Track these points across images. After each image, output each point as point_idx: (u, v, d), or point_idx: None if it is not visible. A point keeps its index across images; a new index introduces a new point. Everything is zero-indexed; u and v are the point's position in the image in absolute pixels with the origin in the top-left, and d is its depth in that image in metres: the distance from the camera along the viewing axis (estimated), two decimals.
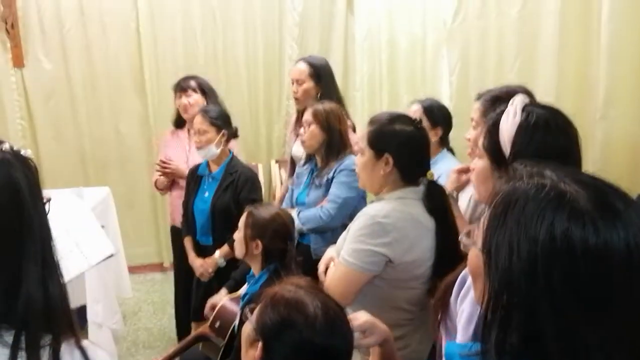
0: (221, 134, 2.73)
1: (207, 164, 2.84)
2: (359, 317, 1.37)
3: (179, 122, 3.18)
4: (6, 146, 0.89)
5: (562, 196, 0.74)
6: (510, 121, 1.31)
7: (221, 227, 2.72)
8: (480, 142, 1.38)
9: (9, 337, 0.83)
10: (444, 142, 2.53)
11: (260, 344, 1.17)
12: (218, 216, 2.73)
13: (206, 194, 2.79)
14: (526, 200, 0.76)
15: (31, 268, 0.85)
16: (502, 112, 1.34)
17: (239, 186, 2.73)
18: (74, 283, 2.08)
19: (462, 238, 0.96)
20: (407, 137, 1.74)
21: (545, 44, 2.46)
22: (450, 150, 2.56)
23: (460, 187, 1.99)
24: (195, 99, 3.04)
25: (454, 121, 2.73)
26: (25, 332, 0.83)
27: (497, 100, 1.87)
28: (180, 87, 3.08)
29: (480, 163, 1.39)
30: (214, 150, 2.73)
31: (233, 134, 2.84)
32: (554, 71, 2.39)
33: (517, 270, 0.74)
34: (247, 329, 1.25)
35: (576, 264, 0.71)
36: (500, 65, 2.70)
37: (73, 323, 0.90)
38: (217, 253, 2.75)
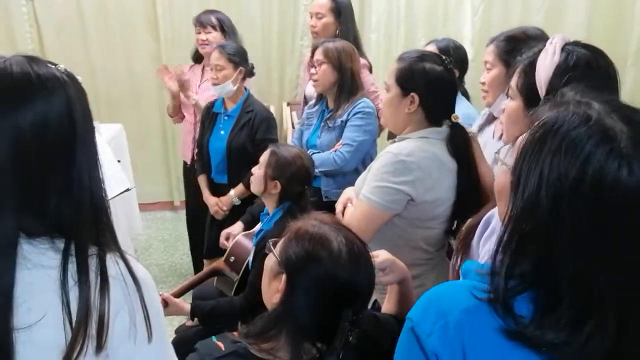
0: (238, 70, 2.69)
1: (223, 101, 2.80)
2: (379, 255, 1.39)
3: (197, 57, 3.12)
4: (61, 67, 0.94)
5: (605, 132, 0.72)
6: (548, 61, 1.26)
7: (236, 166, 2.72)
8: (514, 81, 1.34)
9: (60, 244, 0.88)
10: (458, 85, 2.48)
11: (284, 277, 1.18)
12: (234, 155, 2.73)
13: (222, 132, 2.77)
14: (568, 130, 0.74)
15: (81, 181, 0.90)
16: (540, 51, 1.30)
17: (255, 125, 2.71)
18: None
19: (497, 154, 0.95)
20: (435, 77, 1.70)
21: None
22: (465, 94, 2.51)
23: None
24: (214, 36, 2.98)
25: (474, 65, 2.68)
26: (75, 240, 0.88)
27: (512, 40, 1.82)
28: (200, 22, 3.01)
29: (512, 104, 1.36)
30: (231, 87, 2.69)
31: (250, 72, 2.79)
32: (584, 15, 2.31)
33: (542, 199, 0.73)
34: (270, 262, 1.26)
35: (603, 202, 0.70)
36: (526, 6, 2.61)
37: (116, 237, 0.95)
38: (232, 192, 2.76)
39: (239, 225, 2.45)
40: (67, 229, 0.89)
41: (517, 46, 1.74)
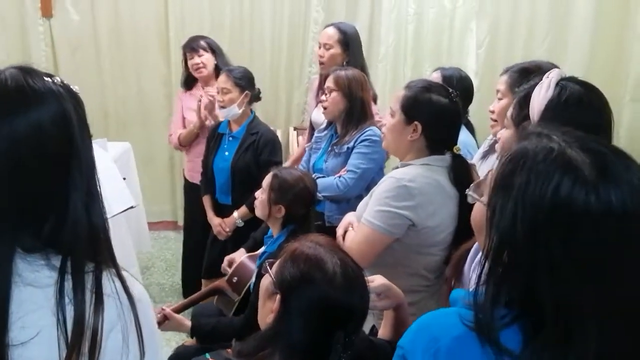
0: (244, 94, 2.73)
1: (228, 123, 2.85)
2: (374, 279, 1.40)
3: (189, 83, 3.19)
4: (57, 79, 0.92)
5: (568, 162, 0.76)
6: (542, 94, 1.30)
7: (240, 187, 2.75)
8: (510, 112, 1.37)
9: (56, 262, 0.88)
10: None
11: (278, 297, 1.19)
12: (238, 176, 2.76)
13: (226, 153, 2.82)
14: (534, 163, 0.78)
15: (77, 196, 0.89)
16: (536, 84, 1.33)
17: (259, 147, 2.75)
18: None
19: (470, 191, 0.98)
20: (440, 108, 1.72)
21: (578, 22, 2.42)
22: (468, 124, 2.54)
23: None
24: (207, 57, 3.07)
25: (479, 96, 2.72)
26: (71, 258, 0.88)
27: (525, 72, 1.85)
28: (191, 47, 3.10)
29: (506, 133, 1.39)
30: (236, 110, 2.74)
31: (256, 96, 2.84)
32: (585, 50, 2.36)
33: (519, 229, 0.76)
34: (266, 282, 1.27)
35: (576, 229, 0.74)
36: (529, 41, 2.67)
37: (113, 254, 0.94)
38: (236, 213, 2.79)
39: (241, 252, 2.47)
40: (63, 245, 0.88)
41: (529, 79, 1.77)
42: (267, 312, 1.23)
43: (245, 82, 2.77)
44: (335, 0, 4.33)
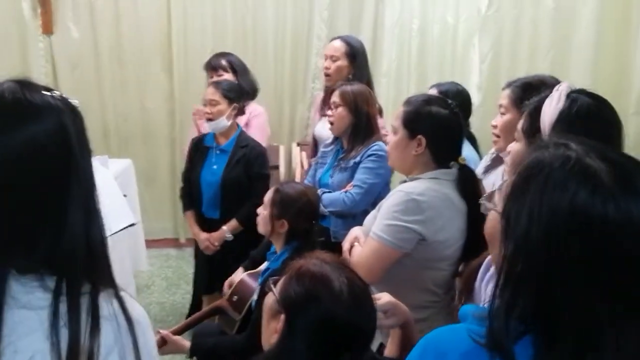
0: (232, 106, 2.75)
1: (214, 136, 2.84)
2: (381, 297, 1.37)
3: None
4: (56, 93, 0.90)
5: (586, 170, 0.75)
6: (553, 106, 1.30)
7: (230, 201, 2.74)
8: (520, 125, 1.37)
9: (50, 283, 0.84)
10: None
11: (283, 317, 1.16)
12: (228, 190, 2.74)
13: (215, 167, 2.79)
14: (550, 171, 0.76)
15: (76, 214, 0.86)
16: (546, 96, 1.33)
17: (250, 160, 2.74)
18: None
19: (483, 200, 0.97)
20: (441, 120, 1.74)
21: (580, 36, 2.42)
22: (471, 137, 2.52)
23: None
24: (226, 78, 3.05)
25: (482, 110, 2.70)
26: (67, 279, 0.84)
27: (528, 87, 1.85)
28: (211, 66, 3.11)
29: (517, 146, 1.39)
30: (225, 122, 2.75)
31: (242, 109, 2.86)
32: (588, 64, 2.35)
33: (534, 239, 0.74)
34: (270, 300, 1.24)
35: (594, 238, 0.72)
36: (533, 56, 2.67)
37: (112, 273, 0.91)
38: (225, 227, 2.77)
39: (240, 272, 2.43)
40: (59, 265, 0.84)
41: (532, 94, 1.76)
42: (271, 332, 1.20)
43: (234, 94, 2.78)
44: (339, 16, 4.37)
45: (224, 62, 3.10)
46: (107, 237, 0.94)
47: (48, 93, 0.89)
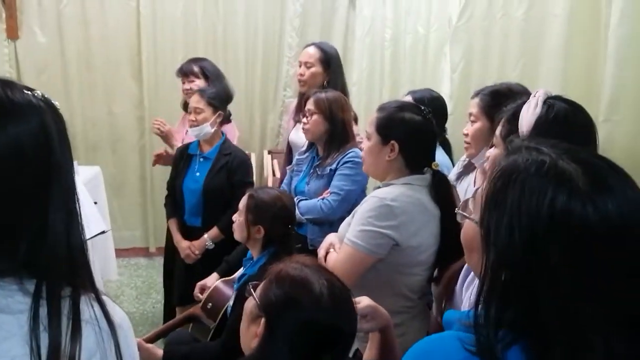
0: (217, 114, 2.73)
1: (198, 144, 2.82)
2: (361, 301, 1.36)
3: (185, 106, 3.16)
4: (38, 93, 0.89)
5: (562, 174, 0.75)
6: (530, 112, 1.33)
7: (212, 209, 2.71)
8: (498, 130, 1.39)
9: (30, 286, 0.82)
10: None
11: (263, 321, 1.16)
12: (210, 197, 2.72)
13: (197, 174, 2.77)
14: (526, 177, 0.76)
15: (57, 216, 0.84)
16: (523, 102, 1.36)
17: (233, 168, 2.72)
18: None
19: (459, 210, 0.96)
20: (414, 126, 1.76)
21: (550, 46, 2.46)
22: (445, 143, 2.55)
23: None
24: (197, 84, 3.03)
25: (453, 118, 2.73)
26: (47, 282, 0.82)
27: (496, 95, 1.89)
28: (182, 72, 3.08)
29: (495, 152, 1.41)
30: (208, 129, 2.73)
31: (227, 117, 2.84)
32: (557, 73, 2.40)
33: (516, 246, 0.74)
34: (250, 305, 1.23)
35: (576, 241, 0.72)
36: (503, 66, 2.71)
37: (92, 276, 0.90)
38: (206, 235, 2.73)
39: (214, 277, 2.40)
40: (39, 267, 0.82)
41: (501, 101, 1.81)
42: (251, 336, 1.20)
43: (218, 101, 2.76)
44: (309, 24, 4.40)
45: (195, 68, 3.07)
46: (87, 240, 0.92)
47: (30, 93, 0.87)
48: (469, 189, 2.01)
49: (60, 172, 0.86)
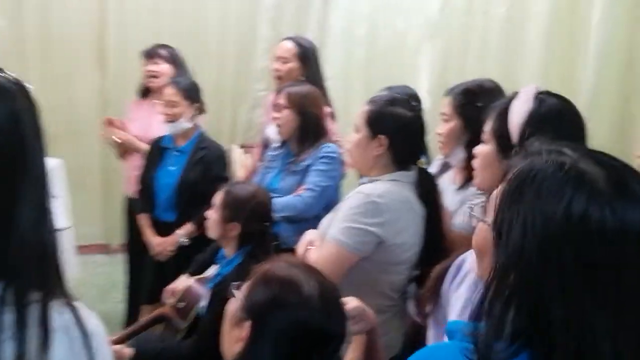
0: (194, 107, 2.62)
1: (172, 137, 2.70)
2: (349, 302, 1.30)
3: (144, 92, 3.00)
4: (10, 75, 0.82)
5: (581, 176, 0.72)
6: (521, 107, 1.30)
7: (187, 203, 2.60)
8: (489, 126, 1.38)
9: None
10: None
11: (248, 324, 1.09)
12: (185, 192, 2.61)
13: (171, 168, 2.65)
14: (544, 177, 0.74)
15: (27, 211, 0.76)
16: (512, 98, 1.35)
17: (210, 162, 2.62)
18: None
19: (473, 211, 0.94)
20: (405, 122, 1.72)
21: (530, 45, 2.48)
22: None
23: None
24: (163, 68, 2.88)
25: (430, 116, 2.70)
26: (14, 285, 0.75)
27: (468, 93, 1.87)
28: (148, 54, 2.92)
29: (485, 148, 1.40)
30: (185, 124, 2.61)
31: (203, 110, 2.72)
32: (536, 71, 2.41)
33: (529, 247, 0.72)
34: (233, 307, 1.16)
35: (591, 245, 0.70)
36: (481, 63, 2.71)
37: (64, 280, 0.82)
38: (179, 231, 2.61)
39: (184, 279, 2.28)
40: (5, 270, 0.75)
41: (472, 99, 1.80)
42: (233, 340, 1.13)
43: (194, 94, 2.64)
44: (283, 17, 4.30)
45: (162, 51, 2.93)
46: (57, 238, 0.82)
47: (0, 75, 0.80)
48: (445, 188, 1.98)
49: (32, 163, 0.78)
